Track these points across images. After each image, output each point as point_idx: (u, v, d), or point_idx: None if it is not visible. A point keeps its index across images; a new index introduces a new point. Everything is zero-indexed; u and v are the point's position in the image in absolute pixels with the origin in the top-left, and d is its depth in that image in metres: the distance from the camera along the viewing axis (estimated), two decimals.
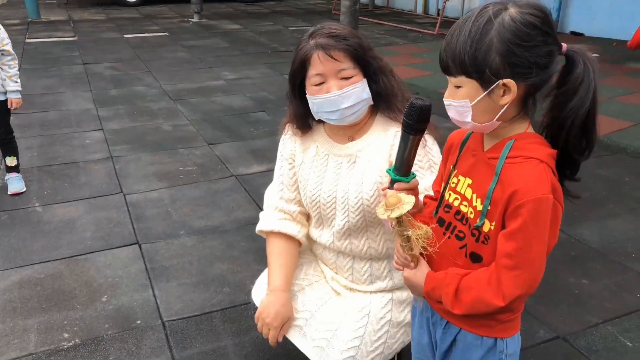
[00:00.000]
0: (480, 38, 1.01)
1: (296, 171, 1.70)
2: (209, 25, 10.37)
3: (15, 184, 3.36)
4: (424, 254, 1.22)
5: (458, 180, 1.21)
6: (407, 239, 1.17)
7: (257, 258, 2.66)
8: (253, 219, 1.79)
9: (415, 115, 1.17)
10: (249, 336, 2.15)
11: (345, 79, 1.47)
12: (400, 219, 1.17)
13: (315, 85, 1.49)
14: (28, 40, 8.49)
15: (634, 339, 2.14)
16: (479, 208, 1.12)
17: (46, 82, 6.01)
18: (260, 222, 1.76)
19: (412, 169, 1.53)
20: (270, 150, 3.94)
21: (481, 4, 1.08)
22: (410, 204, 1.15)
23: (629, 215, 3.16)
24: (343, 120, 1.52)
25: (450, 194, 1.22)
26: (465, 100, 1.06)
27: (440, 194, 1.26)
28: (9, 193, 3.32)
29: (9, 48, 3.15)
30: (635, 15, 7.54)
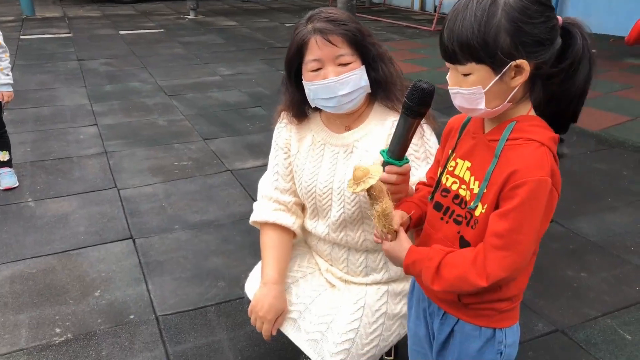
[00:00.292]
0: (488, 20, 0.97)
1: (291, 161, 1.66)
2: (204, 22, 10.32)
3: (8, 178, 3.32)
4: (410, 231, 1.19)
5: (456, 163, 1.18)
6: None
7: (253, 252, 2.63)
8: (248, 214, 1.76)
9: (417, 97, 1.14)
10: (244, 330, 2.12)
11: (343, 65, 1.43)
12: (370, 193, 1.14)
13: (312, 71, 1.44)
14: (22, 36, 8.42)
15: (633, 332, 2.12)
16: (476, 191, 1.10)
17: (40, 78, 5.95)
18: (254, 213, 1.73)
19: (408, 159, 1.51)
20: (266, 144, 3.90)
21: None
22: (375, 178, 1.12)
23: (627, 209, 3.14)
24: (340, 108, 1.48)
25: (447, 178, 1.19)
26: (477, 87, 1.02)
27: (437, 178, 1.23)
28: (1, 188, 3.28)
29: (0, 41, 3.10)
30: (632, 12, 7.53)
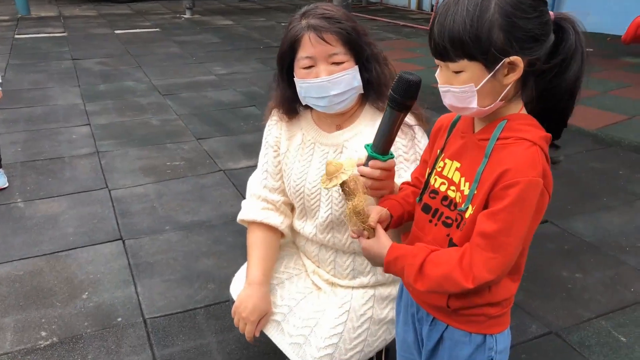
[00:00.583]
0: (481, 15, 0.93)
1: (281, 159, 1.63)
2: (201, 21, 10.27)
3: None
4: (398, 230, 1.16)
5: (445, 164, 1.14)
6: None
7: (244, 253, 2.53)
8: None
9: (402, 89, 1.11)
10: (233, 333, 2.08)
11: (336, 64, 1.39)
12: (343, 189, 1.11)
13: (304, 68, 1.41)
14: (17, 36, 8.37)
15: (628, 334, 2.09)
16: (466, 192, 1.06)
17: (34, 78, 5.91)
18: (242, 211, 1.69)
19: (397, 160, 1.48)
20: (259, 144, 3.87)
21: None
22: (348, 174, 1.09)
23: (623, 208, 3.11)
24: (331, 108, 1.45)
25: (436, 179, 1.16)
26: (470, 84, 0.98)
27: (425, 180, 1.20)
28: None
29: None
30: (629, 10, 7.50)
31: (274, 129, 1.64)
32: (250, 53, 7.36)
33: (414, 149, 1.48)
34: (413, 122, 1.49)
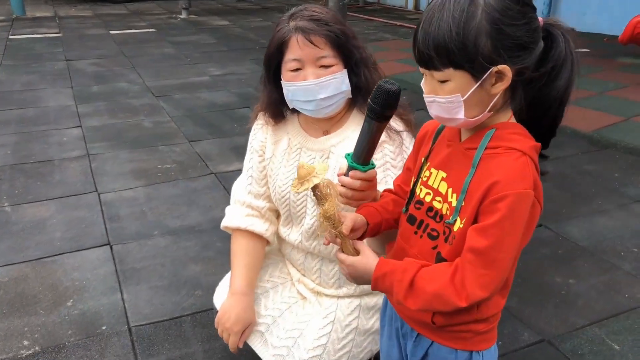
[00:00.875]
0: (467, 21, 0.89)
1: (266, 164, 1.59)
2: (197, 22, 10.23)
3: None
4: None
5: (430, 173, 1.10)
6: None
7: None
8: None
9: (381, 99, 1.07)
10: (219, 342, 2.04)
11: (324, 67, 1.36)
12: (315, 193, 1.08)
13: (291, 70, 1.38)
14: (11, 36, 8.32)
15: (622, 342, 2.05)
16: (454, 204, 1.02)
17: (26, 79, 5.86)
18: (226, 218, 1.66)
19: (384, 167, 1.44)
20: None
21: None
22: (320, 177, 1.06)
23: (618, 212, 3.07)
24: (318, 112, 1.42)
25: (421, 189, 1.12)
26: (456, 94, 0.94)
27: (411, 189, 1.16)
28: None
29: None
30: (626, 10, 7.47)
31: (260, 133, 1.61)
32: (245, 54, 7.32)
33: (401, 156, 1.45)
34: (401, 128, 1.46)
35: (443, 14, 0.92)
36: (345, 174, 1.17)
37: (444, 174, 1.07)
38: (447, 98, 0.96)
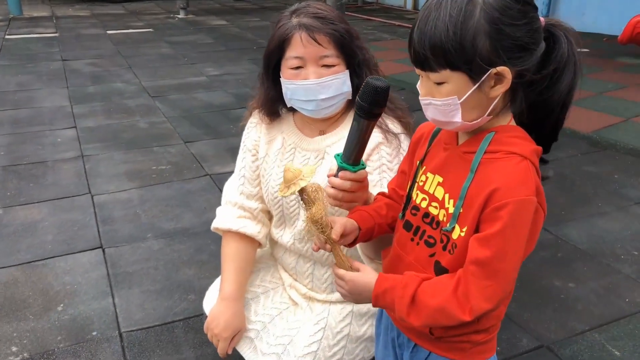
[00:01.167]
0: (465, 21, 0.85)
1: (259, 164, 1.55)
2: (194, 21, 10.19)
3: None
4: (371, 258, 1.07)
5: (426, 178, 1.06)
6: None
7: None
8: None
9: (369, 96, 1.03)
10: (212, 348, 1.97)
11: (326, 66, 1.33)
12: (302, 197, 1.04)
13: (292, 68, 1.34)
14: (8, 36, 8.28)
15: (623, 348, 2.01)
16: (451, 210, 0.98)
17: (22, 79, 5.81)
18: (217, 219, 1.62)
19: (380, 170, 1.40)
20: None
21: None
22: (307, 180, 1.02)
23: (617, 214, 3.03)
24: (318, 113, 1.38)
25: (417, 194, 1.08)
26: (453, 97, 0.90)
27: (407, 194, 1.12)
28: None
29: None
30: (625, 10, 7.44)
31: (253, 131, 1.56)
32: (243, 53, 7.28)
33: (398, 158, 1.41)
34: (399, 130, 1.42)
35: (440, 12, 0.88)
36: (335, 175, 1.14)
37: (440, 179, 1.03)
38: (443, 100, 0.92)
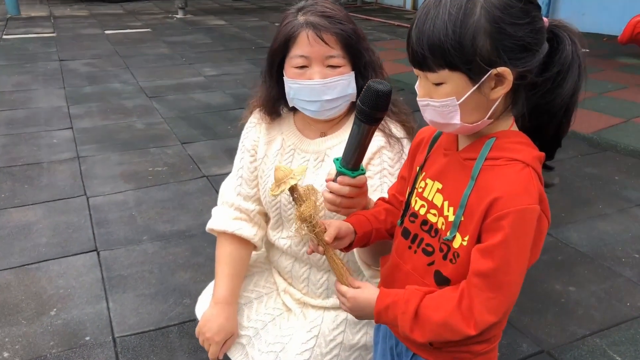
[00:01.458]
0: (464, 19, 0.82)
1: (257, 165, 1.52)
2: (193, 21, 10.15)
3: None
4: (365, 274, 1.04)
5: (426, 184, 1.03)
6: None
7: None
8: None
9: (371, 100, 1.00)
10: (206, 354, 1.96)
11: (331, 67, 1.29)
12: (294, 196, 1.01)
13: (297, 67, 1.30)
14: (5, 36, 8.24)
15: (624, 353, 1.98)
16: (451, 218, 0.94)
17: (18, 79, 5.78)
18: (212, 220, 1.57)
19: (381, 174, 1.37)
20: None
21: None
22: (297, 179, 0.99)
23: (618, 216, 3.00)
24: (321, 114, 1.35)
25: (416, 201, 1.04)
26: (451, 98, 0.87)
27: (406, 200, 1.09)
28: None
29: None
30: (626, 10, 7.41)
31: (252, 131, 1.53)
32: (241, 54, 7.25)
33: (400, 163, 1.37)
34: (402, 135, 1.39)
35: (439, 10, 0.85)
36: (334, 180, 1.11)
37: (440, 185, 1.00)
38: (442, 102, 0.89)
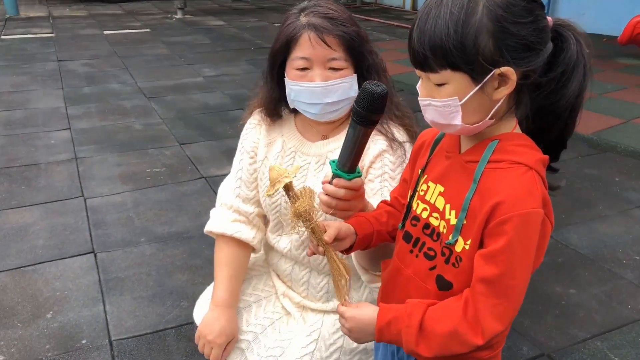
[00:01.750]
0: (466, 19, 0.81)
1: (257, 167, 1.50)
2: (192, 22, 10.13)
3: None
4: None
5: (428, 187, 1.01)
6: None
7: None
8: None
9: (366, 102, 0.99)
10: (204, 357, 1.95)
11: (333, 69, 1.27)
12: (289, 194, 1.00)
13: (298, 69, 1.29)
14: (3, 36, 8.22)
15: (625, 357, 1.97)
16: (453, 222, 0.93)
17: (16, 80, 5.75)
18: (211, 222, 1.55)
19: (382, 178, 1.35)
20: None
21: None
22: (290, 178, 0.99)
23: (619, 218, 2.99)
24: (322, 117, 1.34)
25: (418, 204, 1.03)
26: (453, 98, 0.86)
27: (408, 204, 1.07)
28: None
29: None
30: (625, 11, 7.40)
31: (252, 133, 1.51)
32: (240, 54, 7.23)
33: (401, 167, 1.36)
34: (404, 139, 1.37)
35: (440, 10, 0.83)
36: (330, 182, 1.10)
37: (442, 188, 0.98)
38: (444, 102, 0.88)
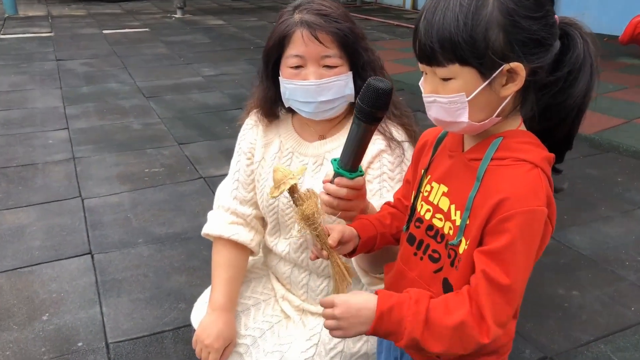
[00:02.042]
0: (477, 11, 0.79)
1: (254, 168, 1.47)
2: (191, 21, 10.10)
3: None
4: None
5: (431, 187, 0.98)
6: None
7: None
8: None
9: (371, 98, 0.96)
10: None
11: (327, 67, 1.25)
12: (294, 197, 0.99)
13: (292, 67, 1.26)
14: (2, 36, 8.19)
15: (628, 359, 1.94)
16: (458, 222, 0.90)
17: (14, 79, 5.72)
18: (208, 224, 1.53)
19: (380, 178, 1.33)
20: None
21: None
22: (295, 179, 0.97)
23: (622, 219, 2.96)
24: (316, 115, 1.31)
25: (422, 205, 1.00)
26: (460, 94, 0.83)
27: (411, 205, 1.04)
28: None
29: None
30: (626, 10, 7.37)
31: (249, 134, 1.48)
32: (240, 54, 7.20)
33: (400, 168, 1.33)
34: (403, 138, 1.34)
35: (449, 2, 0.81)
36: (331, 181, 1.07)
37: (445, 189, 0.95)
38: (450, 98, 0.85)
